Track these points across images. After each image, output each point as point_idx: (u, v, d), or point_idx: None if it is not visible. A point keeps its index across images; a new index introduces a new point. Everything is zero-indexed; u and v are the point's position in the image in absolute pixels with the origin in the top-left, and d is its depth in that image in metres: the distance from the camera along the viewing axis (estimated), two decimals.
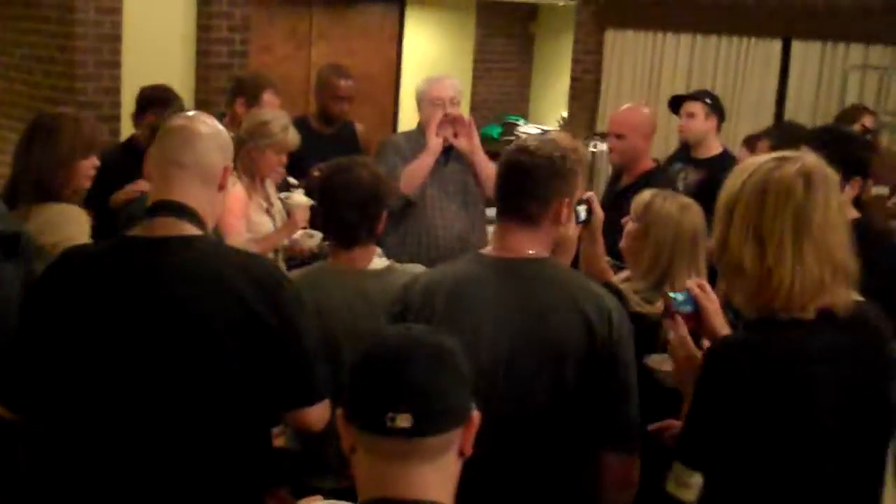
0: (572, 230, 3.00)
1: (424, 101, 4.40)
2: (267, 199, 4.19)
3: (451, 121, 4.28)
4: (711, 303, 2.22)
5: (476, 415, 1.52)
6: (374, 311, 2.61)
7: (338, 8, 8.46)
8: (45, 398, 2.19)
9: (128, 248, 2.22)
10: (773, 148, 3.99)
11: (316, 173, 4.13)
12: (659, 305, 2.75)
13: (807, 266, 1.89)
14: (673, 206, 2.86)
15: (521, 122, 9.60)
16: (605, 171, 5.89)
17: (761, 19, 7.29)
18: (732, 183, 1.98)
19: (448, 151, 4.34)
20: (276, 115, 4.18)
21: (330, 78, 5.19)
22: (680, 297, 2.25)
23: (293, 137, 4.13)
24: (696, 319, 2.23)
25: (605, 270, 3.06)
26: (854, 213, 2.98)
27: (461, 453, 1.50)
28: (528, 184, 2.29)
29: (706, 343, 2.21)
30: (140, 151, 2.27)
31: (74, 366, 2.14)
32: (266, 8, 7.78)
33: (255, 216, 4.09)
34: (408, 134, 4.70)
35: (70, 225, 3.12)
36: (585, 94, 8.39)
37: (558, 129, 8.59)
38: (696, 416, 1.98)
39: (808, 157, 1.97)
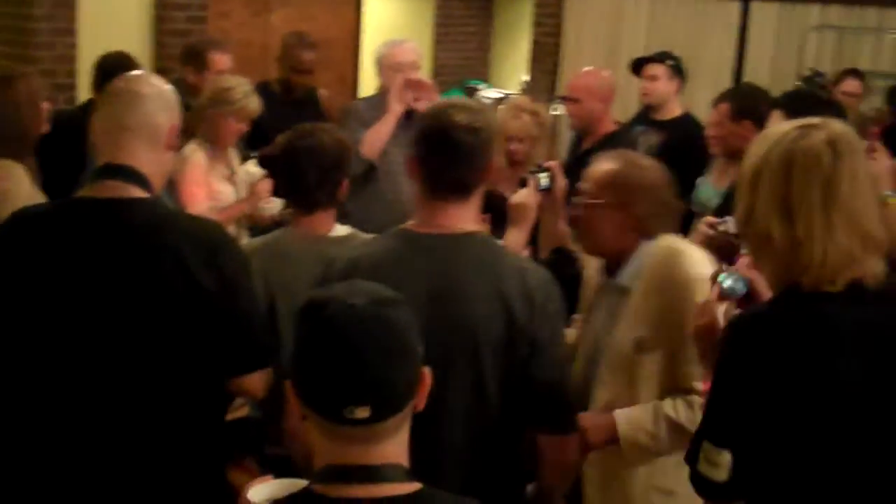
0: (531, 198, 3.02)
1: (385, 65, 4.38)
2: (229, 166, 4.16)
3: (413, 85, 4.26)
4: (763, 286, 2.04)
5: (426, 371, 1.53)
6: None
7: None
8: None
9: (74, 209, 2.22)
10: (733, 110, 4.02)
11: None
12: None
13: (836, 238, 1.83)
14: None
15: (482, 86, 9.56)
16: (566, 134, 5.89)
17: None
18: (756, 152, 1.92)
19: (410, 116, 4.32)
20: (238, 82, 4.14)
21: (293, 50, 5.15)
22: (729, 281, 2.06)
23: (255, 104, 4.10)
24: (745, 302, 2.06)
25: (565, 238, 3.07)
26: None
27: (414, 409, 1.53)
28: (464, 156, 2.20)
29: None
30: None
31: (19, 326, 2.14)
32: None
33: (217, 184, 4.07)
34: (369, 99, 4.69)
35: (3, 180, 3.09)
36: (546, 57, 8.38)
37: (520, 92, 8.58)
38: (719, 392, 1.90)
39: (834, 125, 1.91)
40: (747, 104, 3.94)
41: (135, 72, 2.40)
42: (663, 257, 2.53)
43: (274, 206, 4.00)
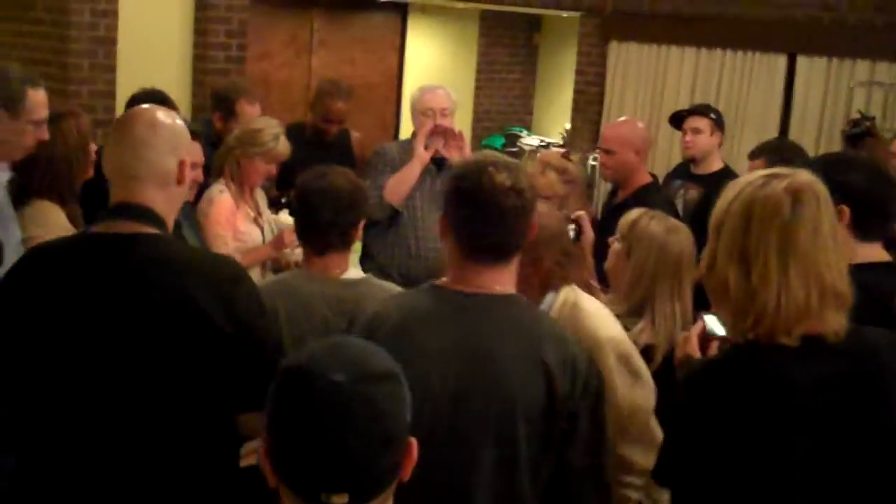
0: None
1: (416, 110, 4.33)
2: (256, 208, 4.12)
3: (442, 132, 4.20)
4: None
5: (413, 442, 1.42)
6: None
7: (339, 15, 8.40)
8: (8, 390, 2.16)
9: (86, 244, 2.22)
10: (767, 165, 3.90)
11: None
12: (636, 333, 2.63)
13: (792, 287, 1.79)
14: (659, 226, 2.74)
15: (524, 133, 9.53)
16: (604, 185, 5.79)
17: (766, 34, 7.20)
18: (722, 201, 1.91)
19: (440, 163, 4.25)
20: (268, 124, 4.10)
21: (325, 99, 5.10)
22: (713, 320, 2.19)
23: (283, 147, 4.05)
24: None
25: (593, 289, 2.95)
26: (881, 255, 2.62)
27: (400, 481, 1.42)
28: (509, 220, 2.05)
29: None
30: None
31: (31, 360, 2.12)
32: (266, 14, 7.72)
33: (243, 225, 4.02)
34: (402, 143, 4.63)
35: (37, 226, 3.05)
36: (589, 106, 8.31)
37: (561, 141, 8.52)
38: (671, 437, 1.93)
39: (800, 174, 1.88)
40: (781, 158, 3.82)
41: (140, 110, 2.31)
42: (566, 317, 2.41)
43: (300, 252, 3.93)
